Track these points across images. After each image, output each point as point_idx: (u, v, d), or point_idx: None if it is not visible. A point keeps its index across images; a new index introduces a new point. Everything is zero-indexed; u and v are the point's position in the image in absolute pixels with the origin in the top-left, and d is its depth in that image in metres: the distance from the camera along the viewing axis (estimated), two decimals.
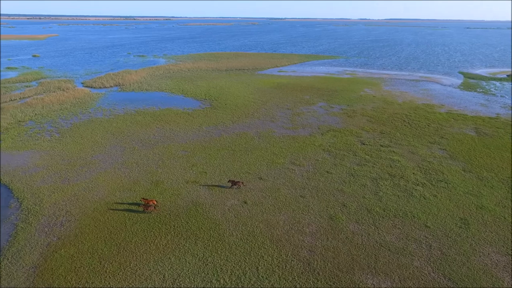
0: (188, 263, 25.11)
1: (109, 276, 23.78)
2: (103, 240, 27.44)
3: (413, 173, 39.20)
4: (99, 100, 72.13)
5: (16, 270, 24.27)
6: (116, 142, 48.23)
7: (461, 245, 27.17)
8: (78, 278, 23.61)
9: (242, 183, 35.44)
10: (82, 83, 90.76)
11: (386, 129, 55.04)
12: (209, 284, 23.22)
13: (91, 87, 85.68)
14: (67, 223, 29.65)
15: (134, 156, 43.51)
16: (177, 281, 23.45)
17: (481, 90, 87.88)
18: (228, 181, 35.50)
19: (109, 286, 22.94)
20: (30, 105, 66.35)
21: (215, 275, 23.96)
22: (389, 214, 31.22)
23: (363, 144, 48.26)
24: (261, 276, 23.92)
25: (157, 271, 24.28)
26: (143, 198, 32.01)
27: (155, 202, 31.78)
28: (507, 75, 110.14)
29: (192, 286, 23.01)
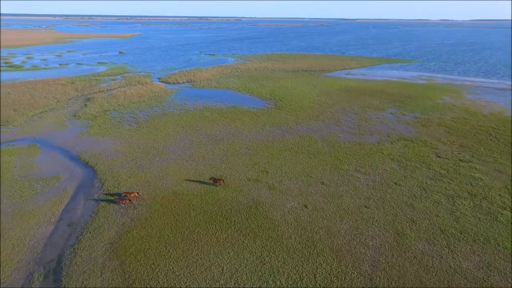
0: (246, 260, 25.49)
1: (173, 261, 25.26)
2: (169, 227, 29.26)
3: (499, 195, 34.55)
4: (172, 94, 77.38)
5: (96, 244, 27.16)
6: (185, 135, 51.18)
7: None
8: (146, 259, 25.51)
9: (223, 180, 36.12)
10: (158, 78, 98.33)
11: (467, 142, 49.46)
12: (265, 284, 23.27)
13: (166, 82, 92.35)
14: (139, 206, 32.29)
15: (200, 150, 45.69)
16: (234, 276, 23.95)
17: None
18: (210, 179, 36.32)
19: (172, 270, 24.38)
20: (115, 96, 73.86)
21: (272, 276, 23.92)
22: (467, 237, 27.95)
23: (439, 156, 44.00)
24: (319, 285, 23.22)
25: (216, 263, 25.09)
26: (125, 192, 33.54)
27: (136, 195, 33.26)
28: None
29: (249, 284, 23.29)
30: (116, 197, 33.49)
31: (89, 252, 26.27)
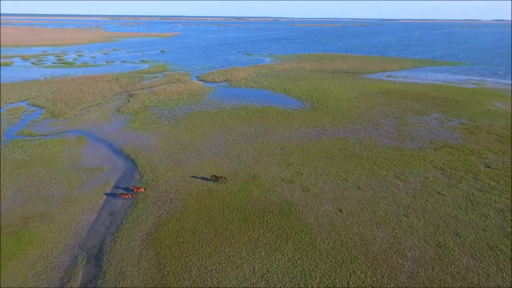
0: (278, 260, 25.33)
1: (206, 257, 25.72)
2: (203, 222, 29.86)
3: None
4: (210, 93, 79.02)
5: (134, 233, 28.36)
6: (221, 133, 51.99)
7: None
8: (181, 252, 26.21)
9: (225, 178, 36.42)
10: (197, 77, 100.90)
11: None
12: (296, 286, 22.95)
13: (204, 81, 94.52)
14: (175, 200, 33.27)
15: (235, 148, 46.17)
16: (265, 276, 23.89)
17: None
18: (211, 176, 36.79)
19: (205, 265, 24.83)
20: (155, 93, 76.83)
21: (303, 279, 23.55)
22: None
23: (488, 167, 40.95)
24: None
25: (248, 262, 25.18)
26: (133, 186, 34.76)
27: (143, 190, 34.30)
28: None
29: (280, 285, 23.10)
30: (121, 191, 34.78)
31: (127, 241, 27.49)
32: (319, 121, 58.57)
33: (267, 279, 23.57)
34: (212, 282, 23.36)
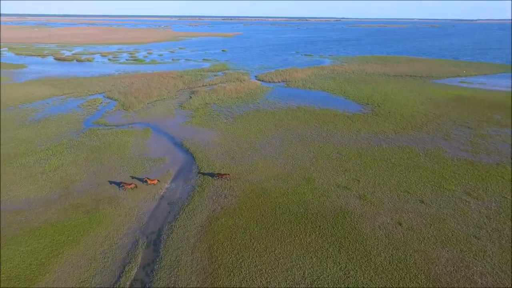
0: (329, 269, 24.51)
1: (256, 255, 25.86)
2: (255, 220, 30.09)
3: None
4: (267, 93, 79.57)
5: (190, 225, 29.63)
6: (276, 133, 52.00)
7: None
8: (232, 247, 26.71)
9: (229, 174, 37.20)
10: (255, 76, 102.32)
11: None
12: None
13: (262, 81, 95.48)
14: (229, 196, 34.04)
15: (290, 149, 45.80)
16: (316, 283, 23.26)
17: None
18: (216, 174, 37.23)
19: (255, 264, 24.98)
20: (215, 91, 79.61)
21: None
22: None
23: None
24: None
25: (298, 266, 24.75)
26: (147, 177, 36.12)
27: (156, 182, 35.76)
28: None
29: None
30: (126, 181, 36.66)
31: (183, 231, 28.82)
32: (380, 126, 55.53)
33: (317, 287, 22.93)
34: (261, 281, 23.42)
